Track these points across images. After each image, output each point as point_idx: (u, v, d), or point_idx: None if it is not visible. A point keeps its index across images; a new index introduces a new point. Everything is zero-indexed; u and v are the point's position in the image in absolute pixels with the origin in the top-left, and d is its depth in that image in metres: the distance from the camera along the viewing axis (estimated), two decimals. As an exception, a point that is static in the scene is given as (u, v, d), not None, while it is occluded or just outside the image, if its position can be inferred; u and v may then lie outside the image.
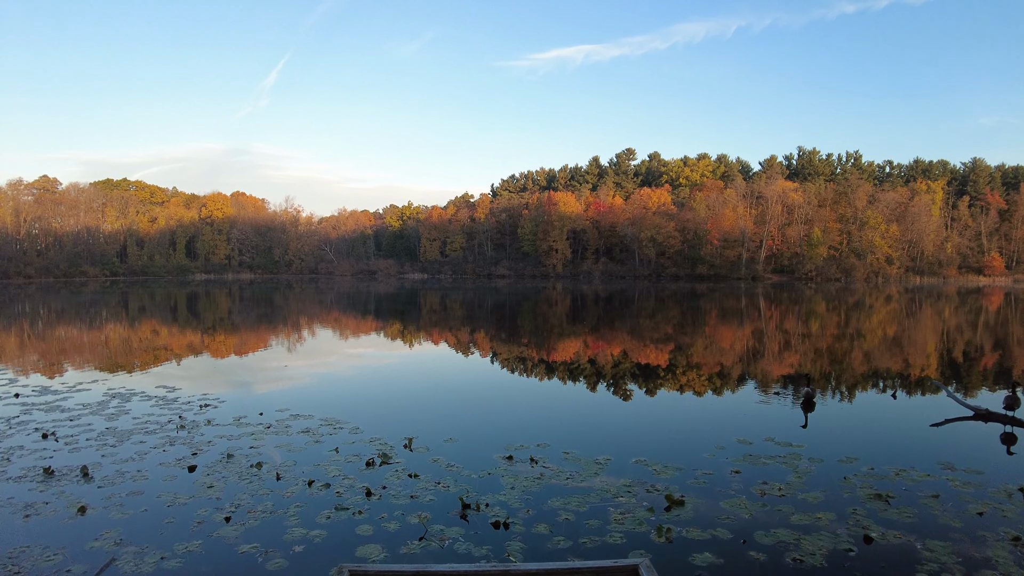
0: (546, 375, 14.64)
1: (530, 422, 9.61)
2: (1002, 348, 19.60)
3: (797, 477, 6.80)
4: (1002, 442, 8.70)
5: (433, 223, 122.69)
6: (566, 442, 8.27)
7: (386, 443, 8.16)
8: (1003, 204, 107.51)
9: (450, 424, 9.44)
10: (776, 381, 13.34)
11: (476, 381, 13.95)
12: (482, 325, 27.05)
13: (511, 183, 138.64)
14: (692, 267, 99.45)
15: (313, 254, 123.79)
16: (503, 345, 20.20)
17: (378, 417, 9.88)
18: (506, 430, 9.00)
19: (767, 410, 10.40)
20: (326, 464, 7.30)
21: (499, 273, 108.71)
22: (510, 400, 11.71)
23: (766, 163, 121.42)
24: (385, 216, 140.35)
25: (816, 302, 43.49)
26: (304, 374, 14.13)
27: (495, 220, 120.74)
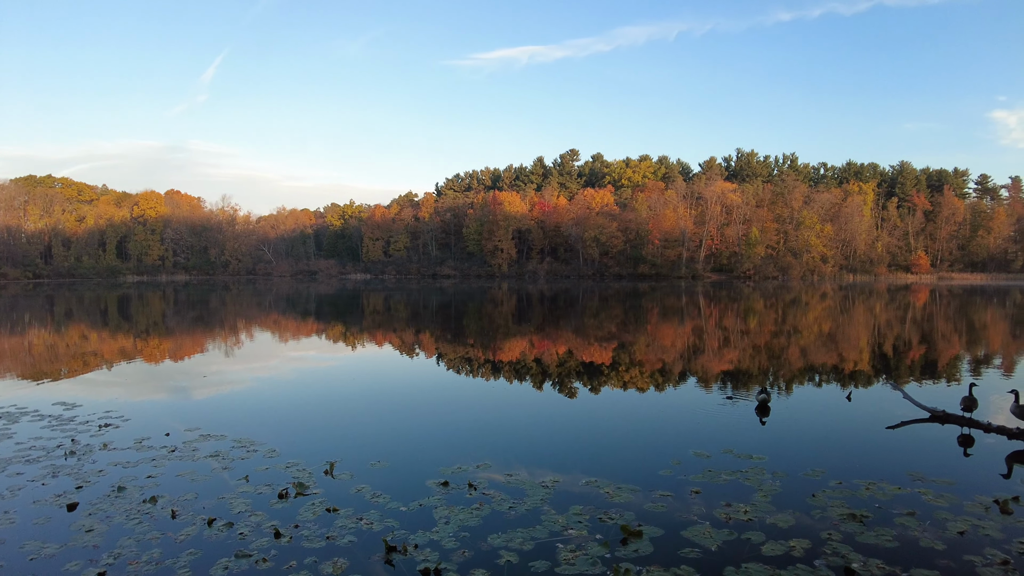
0: (491, 376, 13.91)
1: (470, 437, 8.70)
2: (928, 342, 20.34)
3: (763, 496, 6.17)
4: (959, 444, 8.45)
5: (376, 222, 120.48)
6: (509, 460, 7.45)
7: (304, 468, 7.13)
8: (928, 206, 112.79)
9: (380, 442, 8.43)
10: (728, 384, 12.88)
11: (415, 387, 12.85)
12: (426, 326, 26.04)
13: (456, 182, 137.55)
14: (634, 266, 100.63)
15: (251, 254, 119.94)
16: (448, 346, 19.33)
17: (299, 436, 8.80)
18: (443, 448, 8.10)
19: (722, 417, 9.77)
20: (232, 497, 6.24)
21: (444, 273, 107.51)
22: (450, 409, 10.68)
23: (706, 165, 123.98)
24: (326, 215, 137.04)
25: (754, 300, 44.19)
26: (225, 385, 12.78)
27: (440, 220, 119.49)
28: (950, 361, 16.36)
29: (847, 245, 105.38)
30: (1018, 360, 16.60)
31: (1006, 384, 12.52)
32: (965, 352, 18.21)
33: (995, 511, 5.90)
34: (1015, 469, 7.41)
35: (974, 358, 16.96)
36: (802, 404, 10.90)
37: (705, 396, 11.64)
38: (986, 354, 17.86)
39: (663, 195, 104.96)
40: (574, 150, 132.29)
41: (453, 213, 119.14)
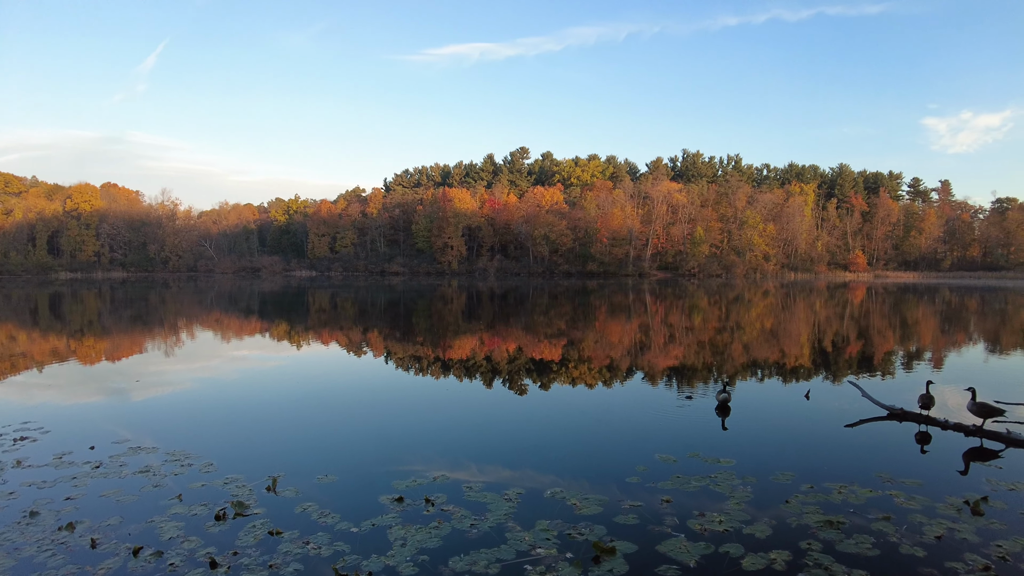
0: (442, 376, 13.43)
1: (425, 444, 8.12)
2: (865, 337, 21.22)
3: (736, 504, 5.90)
4: (917, 441, 8.46)
5: (322, 218, 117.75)
6: (468, 470, 6.98)
7: (244, 484, 6.46)
8: (865, 206, 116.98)
9: (328, 452, 7.78)
10: (682, 382, 12.74)
11: (364, 389, 12.23)
12: (375, 324, 25.30)
13: (405, 178, 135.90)
14: (583, 264, 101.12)
15: (192, 251, 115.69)
16: (397, 344, 18.73)
17: (239, 446, 8.08)
18: (396, 457, 7.50)
19: (683, 417, 9.54)
20: (163, 520, 5.55)
21: (392, 270, 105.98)
22: (402, 414, 10.12)
23: (652, 165, 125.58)
24: (270, 210, 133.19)
25: (699, 297, 44.80)
26: (160, 389, 11.88)
27: (388, 215, 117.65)
28: (886, 356, 16.99)
29: (788, 244, 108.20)
30: (946, 354, 17.52)
31: (937, 378, 13.28)
32: (899, 347, 19.10)
33: (967, 513, 5.80)
34: (972, 466, 7.41)
35: (908, 352, 17.93)
36: (761, 403, 10.81)
37: (663, 395, 11.44)
38: (918, 348, 18.87)
39: (611, 194, 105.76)
40: (524, 148, 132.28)
41: (402, 209, 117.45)
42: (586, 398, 11.37)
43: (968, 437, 8.61)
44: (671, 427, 8.96)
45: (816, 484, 6.47)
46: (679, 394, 11.39)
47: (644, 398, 11.25)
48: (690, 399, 10.81)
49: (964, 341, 20.79)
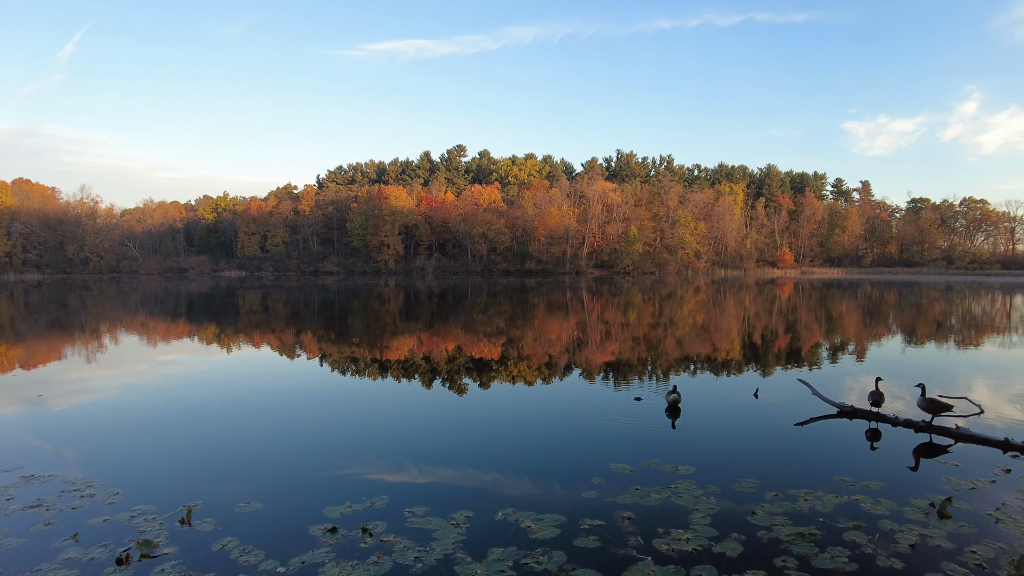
0: (379, 377, 12.65)
1: (361, 461, 7.33)
2: (792, 332, 21.93)
3: (701, 518, 5.48)
4: (867, 438, 8.36)
5: (252, 216, 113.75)
6: (409, 490, 6.28)
7: (154, 518, 5.56)
8: (792, 206, 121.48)
9: (252, 474, 6.84)
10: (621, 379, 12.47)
11: (296, 396, 11.31)
12: (308, 325, 24.18)
13: (339, 175, 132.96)
14: (521, 263, 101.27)
15: (114, 251, 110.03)
16: (332, 346, 17.77)
17: (151, 470, 7.07)
18: (329, 479, 6.68)
19: (634, 421, 9.12)
20: (52, 568, 4.61)
21: (326, 270, 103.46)
22: (337, 421, 9.36)
23: (588, 164, 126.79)
24: (198, 208, 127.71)
25: (634, 294, 45.25)
26: (63, 403, 10.59)
27: (321, 213, 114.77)
28: (814, 349, 17.57)
29: (719, 242, 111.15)
30: (868, 346, 18.34)
31: (860, 369, 13.98)
32: (825, 340, 19.81)
33: (934, 516, 5.61)
34: (926, 463, 7.29)
35: (833, 345, 18.54)
36: (710, 402, 10.50)
37: (612, 396, 11.00)
38: (843, 341, 19.58)
39: (548, 193, 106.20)
40: (461, 146, 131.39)
41: (336, 207, 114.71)
42: (532, 402, 10.85)
43: (918, 433, 8.54)
44: (623, 432, 8.50)
45: (780, 491, 6.14)
46: (625, 392, 11.04)
47: (593, 400, 10.79)
48: (639, 400, 10.44)
49: (885, 333, 21.90)
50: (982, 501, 6.03)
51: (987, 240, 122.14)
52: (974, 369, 14.23)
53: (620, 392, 11.34)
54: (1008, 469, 7.01)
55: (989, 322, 26.17)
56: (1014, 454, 7.62)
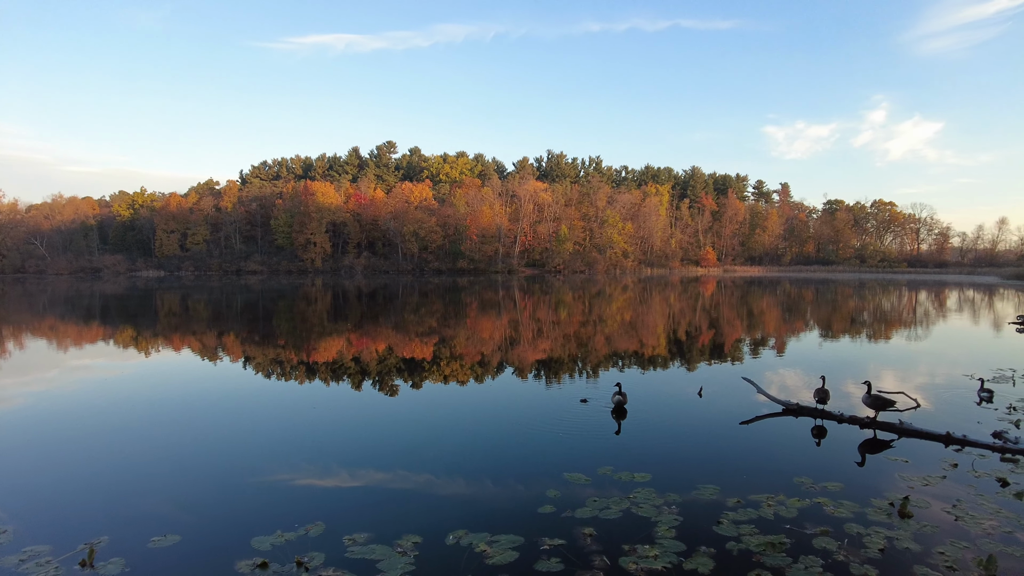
0: (308, 381, 11.87)
1: (292, 475, 6.64)
2: (716, 327, 22.64)
3: (666, 531, 5.12)
4: (814, 436, 8.32)
5: (171, 213, 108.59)
6: (348, 513, 5.58)
7: (49, 560, 4.66)
8: (715, 206, 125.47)
9: (168, 501, 5.91)
10: (558, 378, 12.21)
11: (218, 403, 10.37)
12: (231, 327, 22.87)
13: (263, 170, 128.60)
14: (454, 262, 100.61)
15: (19, 249, 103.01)
16: (256, 348, 16.76)
17: (52, 500, 5.99)
18: (257, 500, 5.92)
19: (581, 424, 8.72)
20: None
21: (250, 269, 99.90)
22: (263, 431, 8.54)
23: (519, 164, 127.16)
24: (113, 204, 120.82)
25: (564, 293, 45.60)
26: None
27: (245, 210, 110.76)
28: (735, 344, 18.11)
29: (645, 242, 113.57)
30: (788, 340, 19.17)
31: (782, 363, 14.60)
32: (747, 335, 20.41)
33: (896, 516, 5.50)
34: (872, 459, 7.29)
35: (755, 340, 19.18)
36: (655, 402, 10.26)
37: (556, 398, 10.60)
38: (763, 336, 20.25)
39: (480, 192, 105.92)
40: (391, 142, 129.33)
41: (260, 203, 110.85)
42: (473, 406, 10.38)
43: (863, 429, 8.54)
44: (573, 437, 8.09)
45: (742, 497, 5.88)
46: (569, 393, 10.69)
47: (537, 402, 10.36)
48: (585, 402, 10.09)
49: (803, 328, 22.94)
50: (938, 498, 5.98)
51: (895, 240, 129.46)
52: (885, 361, 14.87)
53: (563, 393, 10.99)
54: (955, 464, 7.03)
55: (897, 317, 27.82)
56: (956, 447, 7.68)
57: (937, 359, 15.26)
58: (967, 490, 6.20)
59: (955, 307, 33.63)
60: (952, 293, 47.18)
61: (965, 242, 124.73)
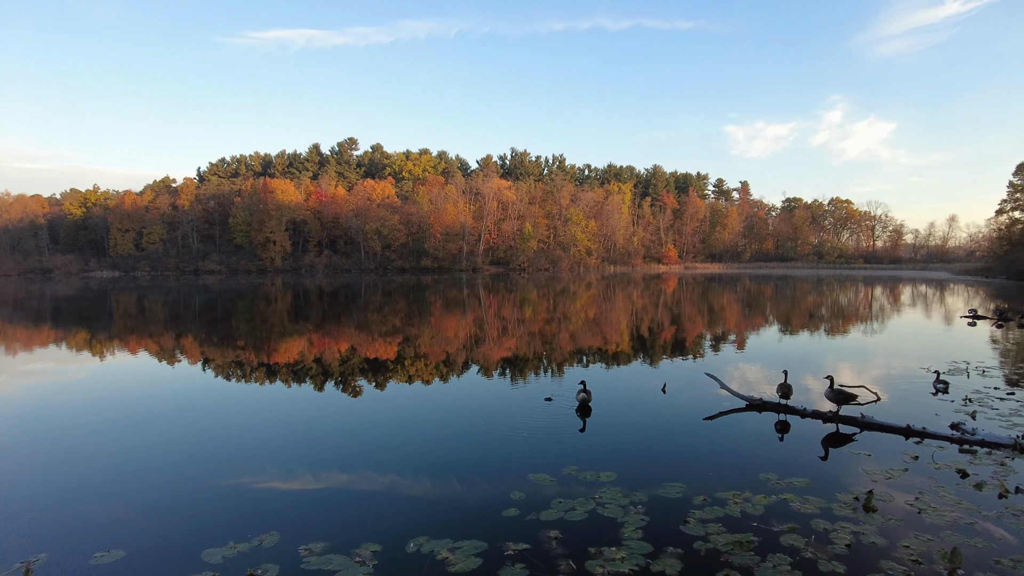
0: (268, 383, 11.51)
1: (244, 480, 6.38)
2: (678, 324, 23.02)
3: (633, 532, 5.01)
4: (777, 431, 8.33)
5: (126, 211, 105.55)
6: (303, 520, 5.32)
7: None
8: (676, 204, 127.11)
9: (116, 510, 5.58)
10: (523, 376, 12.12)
11: (172, 410, 9.91)
12: (189, 329, 22.18)
13: (221, 167, 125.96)
14: (417, 260, 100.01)
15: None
16: (215, 350, 16.27)
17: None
18: (207, 514, 5.57)
19: (546, 423, 8.60)
20: None
21: (208, 268, 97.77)
22: (215, 442, 8.12)
23: (483, 161, 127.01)
24: (64, 202, 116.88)
25: (529, 290, 45.60)
26: None
27: (202, 208, 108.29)
28: (697, 339, 18.36)
29: (608, 239, 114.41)
30: (748, 335, 19.48)
31: (742, 357, 14.88)
32: (708, 331, 20.76)
33: (861, 511, 5.50)
34: (835, 453, 7.31)
35: (716, 335, 19.50)
36: (620, 400, 10.18)
37: (520, 396, 10.47)
38: (724, 331, 20.62)
39: (443, 189, 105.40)
40: (353, 139, 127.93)
41: (218, 201, 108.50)
42: (436, 405, 10.18)
43: (826, 423, 8.59)
44: (537, 436, 7.94)
45: (708, 495, 5.82)
46: (534, 391, 10.56)
47: (501, 401, 10.20)
48: (550, 400, 9.97)
49: (763, 323, 23.35)
50: (901, 491, 6.01)
51: (851, 237, 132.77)
52: (843, 355, 15.19)
53: (529, 391, 10.86)
54: (916, 456, 7.09)
55: (854, 312, 28.48)
56: (916, 440, 7.76)
57: (893, 352, 15.55)
58: (928, 482, 6.24)
59: (909, 301, 34.55)
60: (906, 288, 48.59)
61: (918, 239, 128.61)
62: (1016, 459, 7.03)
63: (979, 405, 9.57)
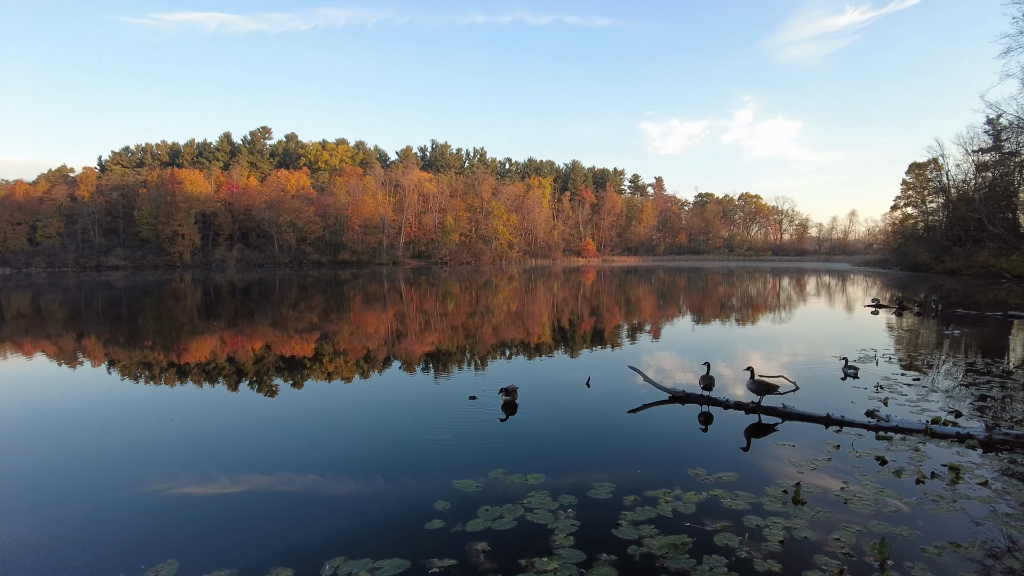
0: (177, 383, 10.67)
1: (141, 503, 5.72)
2: (597, 315, 23.48)
3: (564, 539, 4.76)
4: (700, 422, 8.38)
5: (17, 202, 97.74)
6: (209, 546, 4.79)
7: None
8: (594, 199, 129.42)
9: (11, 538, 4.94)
10: (446, 372, 11.86)
11: (63, 422, 8.88)
12: (91, 329, 20.52)
13: (125, 156, 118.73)
14: (335, 253, 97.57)
15: None
16: (121, 351, 15.04)
17: None
18: (97, 534, 4.98)
19: (473, 423, 8.28)
20: None
21: (111, 264, 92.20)
22: (114, 452, 7.39)
23: (403, 153, 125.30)
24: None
25: (451, 284, 45.38)
26: None
27: (105, 200, 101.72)
28: (616, 330, 18.72)
29: (529, 233, 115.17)
30: (664, 326, 20.07)
31: (658, 346, 15.35)
32: (626, 322, 21.27)
33: (791, 504, 5.47)
34: (761, 447, 7.33)
35: (633, 326, 20.01)
36: (545, 396, 9.95)
37: (443, 396, 10.10)
38: (640, 322, 21.20)
39: (362, 181, 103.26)
40: (266, 128, 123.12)
41: (122, 193, 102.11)
42: (354, 407, 9.69)
43: (748, 414, 8.66)
44: (462, 438, 7.59)
45: (639, 494, 5.65)
46: (458, 390, 10.23)
47: (423, 402, 9.78)
48: (474, 399, 9.63)
49: (677, 313, 24.11)
50: (827, 482, 6.06)
51: (760, 230, 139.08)
52: (755, 344, 15.67)
53: (451, 388, 10.53)
54: (837, 445, 7.20)
55: (763, 301, 29.87)
56: (835, 428, 7.91)
57: (803, 341, 16.11)
58: (851, 471, 6.32)
59: (814, 291, 36.38)
60: (811, 279, 51.21)
61: (822, 232, 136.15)
62: (928, 443, 7.25)
63: (890, 392, 9.93)
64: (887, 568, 4.37)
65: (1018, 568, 4.42)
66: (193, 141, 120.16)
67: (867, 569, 4.37)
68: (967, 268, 50.29)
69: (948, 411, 8.69)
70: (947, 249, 58.02)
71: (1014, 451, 6.97)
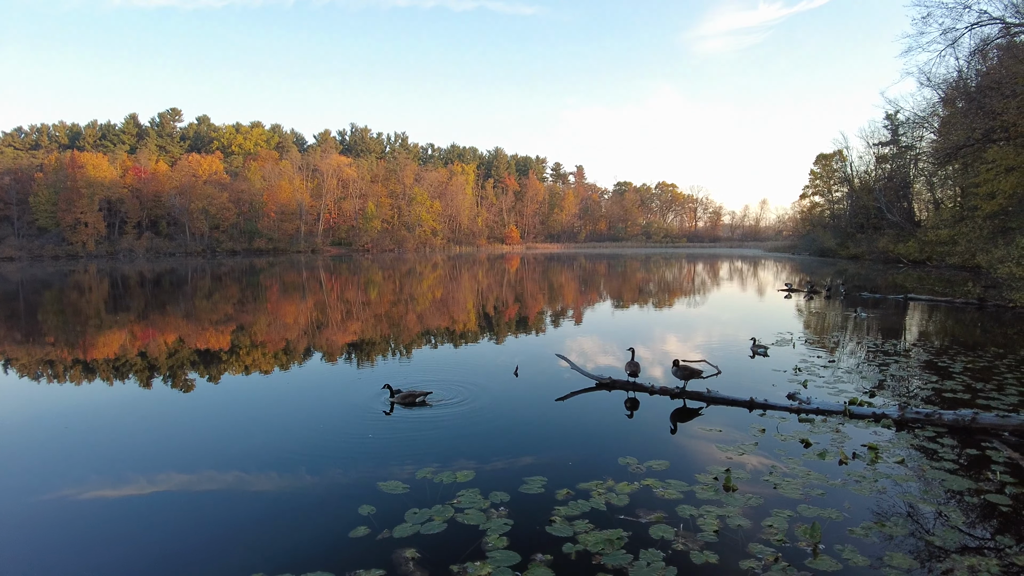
0: (84, 381, 9.90)
1: (40, 513, 5.17)
2: (521, 301, 23.77)
3: (497, 539, 4.53)
4: (627, 408, 8.40)
5: None
6: (111, 569, 4.33)
7: None
8: (517, 187, 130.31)
9: None
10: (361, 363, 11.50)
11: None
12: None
13: (17, 138, 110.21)
14: (250, 241, 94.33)
15: None
16: (20, 348, 13.77)
17: None
18: (33, 555, 4.47)
19: (397, 420, 7.97)
20: None
21: (5, 255, 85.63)
22: (18, 455, 6.78)
23: (321, 137, 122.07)
24: None
25: (374, 272, 44.64)
26: None
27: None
28: (540, 317, 19.04)
29: (453, 220, 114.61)
30: (585, 311, 20.57)
31: (579, 331, 15.68)
32: (550, 308, 21.64)
33: (723, 491, 5.45)
34: (685, 430, 7.39)
35: (557, 312, 20.41)
36: (472, 386, 9.70)
37: (365, 391, 9.63)
38: (563, 307, 21.64)
39: (278, 165, 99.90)
40: (176, 109, 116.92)
41: (14, 177, 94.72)
42: (269, 404, 9.17)
43: (674, 399, 8.71)
44: (386, 438, 7.16)
45: (571, 487, 5.48)
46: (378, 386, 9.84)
47: (346, 395, 9.34)
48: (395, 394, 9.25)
49: (598, 299, 24.63)
50: (755, 467, 6.09)
51: (676, 218, 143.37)
52: (673, 328, 16.10)
53: (375, 379, 10.12)
54: (763, 429, 7.29)
55: (679, 286, 30.92)
56: (759, 412, 8.04)
57: (720, 324, 16.62)
58: (778, 455, 6.39)
59: (727, 276, 37.75)
60: (724, 264, 53.10)
61: (734, 220, 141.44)
62: (847, 424, 7.45)
63: (808, 374, 10.23)
64: (819, 553, 4.37)
65: (938, 543, 4.51)
66: (96, 122, 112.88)
67: (801, 555, 4.36)
68: (869, 253, 53.34)
69: (864, 392, 9.01)
70: (851, 236, 61.30)
71: (924, 428, 7.24)
